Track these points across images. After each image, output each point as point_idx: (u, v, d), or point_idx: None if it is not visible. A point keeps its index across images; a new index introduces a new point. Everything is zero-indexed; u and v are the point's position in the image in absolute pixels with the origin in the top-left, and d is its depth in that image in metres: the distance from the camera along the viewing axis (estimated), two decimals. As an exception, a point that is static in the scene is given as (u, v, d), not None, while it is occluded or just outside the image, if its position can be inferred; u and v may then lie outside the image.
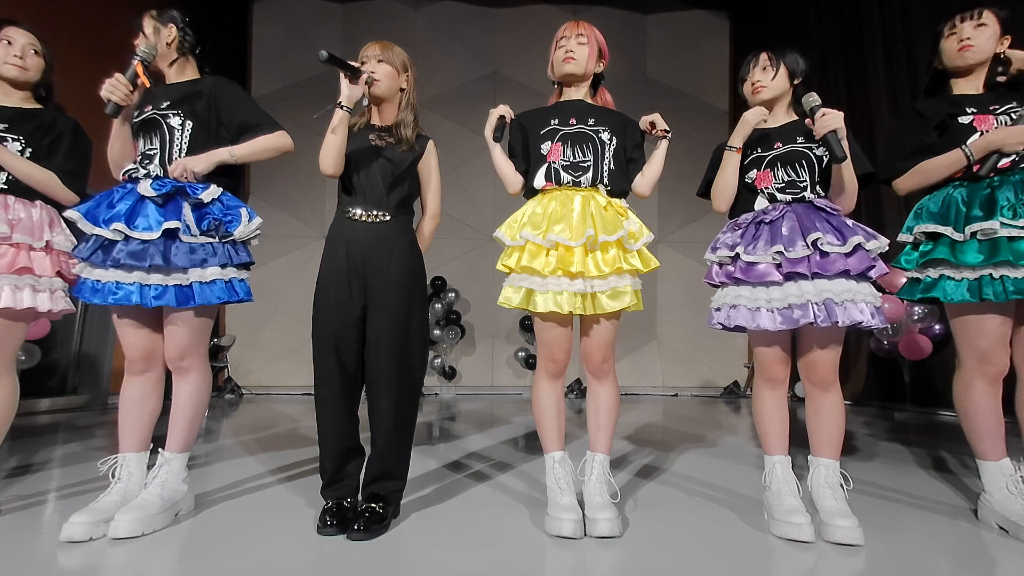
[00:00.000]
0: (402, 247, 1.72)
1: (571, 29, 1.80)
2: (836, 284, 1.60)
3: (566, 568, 1.38)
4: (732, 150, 1.77)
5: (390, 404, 1.65)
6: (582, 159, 1.76)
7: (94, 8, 4.82)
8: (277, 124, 1.79)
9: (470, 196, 6.91)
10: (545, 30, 1.93)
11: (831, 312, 1.58)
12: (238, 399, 5.82)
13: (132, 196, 1.64)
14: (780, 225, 1.67)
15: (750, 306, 1.69)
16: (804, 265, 1.62)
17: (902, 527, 1.69)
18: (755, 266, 1.68)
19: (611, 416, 1.75)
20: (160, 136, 1.70)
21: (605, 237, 1.66)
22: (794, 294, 1.62)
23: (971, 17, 1.76)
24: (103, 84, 1.63)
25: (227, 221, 1.69)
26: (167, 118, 1.71)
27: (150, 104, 1.74)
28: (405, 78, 1.80)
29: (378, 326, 1.66)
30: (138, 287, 1.59)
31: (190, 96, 1.74)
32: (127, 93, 1.64)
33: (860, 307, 1.59)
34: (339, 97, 1.68)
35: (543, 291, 1.68)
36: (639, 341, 7.19)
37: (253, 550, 1.45)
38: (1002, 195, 1.62)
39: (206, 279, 1.64)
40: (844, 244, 1.60)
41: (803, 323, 1.61)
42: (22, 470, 2.32)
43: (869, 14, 5.46)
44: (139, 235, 1.59)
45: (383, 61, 1.75)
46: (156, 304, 1.60)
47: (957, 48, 1.76)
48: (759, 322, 1.66)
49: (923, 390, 4.92)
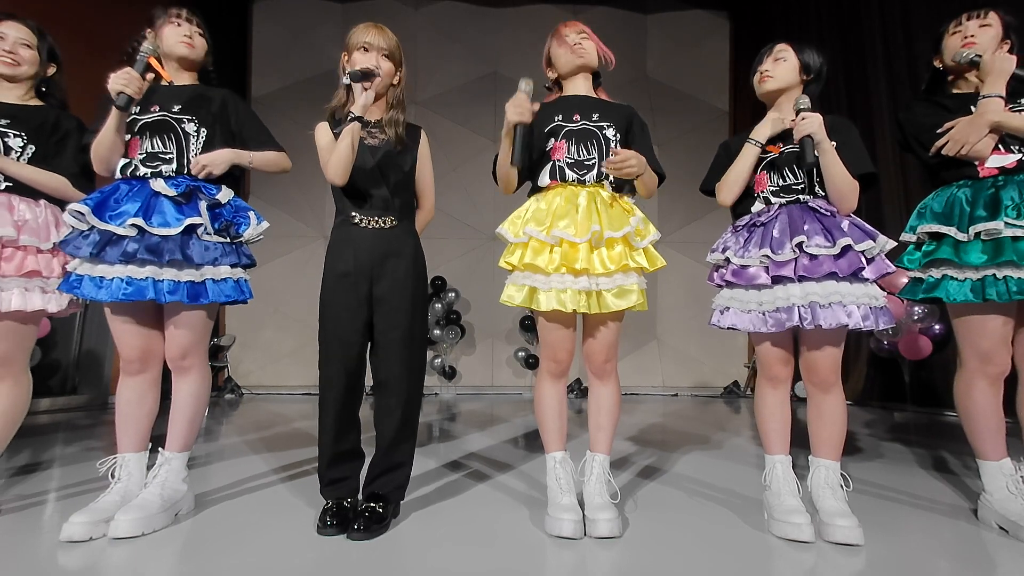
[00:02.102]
0: (409, 252, 1.73)
1: (571, 27, 1.79)
2: (823, 286, 1.60)
3: (566, 568, 1.38)
4: (754, 143, 1.75)
5: (399, 402, 1.67)
6: (587, 157, 1.73)
7: (94, 8, 4.82)
8: (280, 145, 1.88)
9: (470, 196, 6.90)
10: (545, 30, 1.92)
11: (815, 314, 1.57)
12: (238, 399, 5.82)
13: (142, 193, 1.64)
14: (772, 228, 1.67)
15: (742, 309, 1.71)
16: (790, 268, 1.62)
17: (902, 527, 1.69)
18: (746, 269, 1.69)
19: (612, 416, 1.75)
20: (176, 140, 1.71)
21: (611, 233, 1.64)
22: (781, 297, 1.63)
23: (977, 16, 1.76)
24: (110, 77, 1.61)
25: (237, 223, 1.73)
26: (181, 123, 1.72)
27: (155, 104, 1.73)
28: (398, 75, 1.78)
29: (388, 329, 1.67)
30: (151, 282, 1.59)
31: (202, 102, 1.76)
32: (140, 87, 1.63)
33: (849, 309, 1.57)
34: (350, 106, 1.66)
35: (547, 289, 1.66)
36: (640, 341, 7.18)
37: (253, 550, 1.45)
38: (1006, 195, 1.61)
39: (218, 277, 1.67)
40: (833, 246, 1.59)
41: (788, 326, 1.62)
42: (22, 470, 2.32)
43: (869, 14, 5.45)
44: (157, 231, 1.59)
45: (387, 56, 1.74)
46: (170, 299, 1.60)
47: (961, 46, 1.75)
48: (751, 324, 1.68)
49: (923, 390, 4.91)
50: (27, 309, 1.68)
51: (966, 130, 1.64)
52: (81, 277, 1.61)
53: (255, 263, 1.81)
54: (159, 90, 1.76)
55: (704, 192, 1.92)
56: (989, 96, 1.63)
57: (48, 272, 1.74)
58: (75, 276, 1.62)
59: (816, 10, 6.20)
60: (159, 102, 1.73)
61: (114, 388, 1.75)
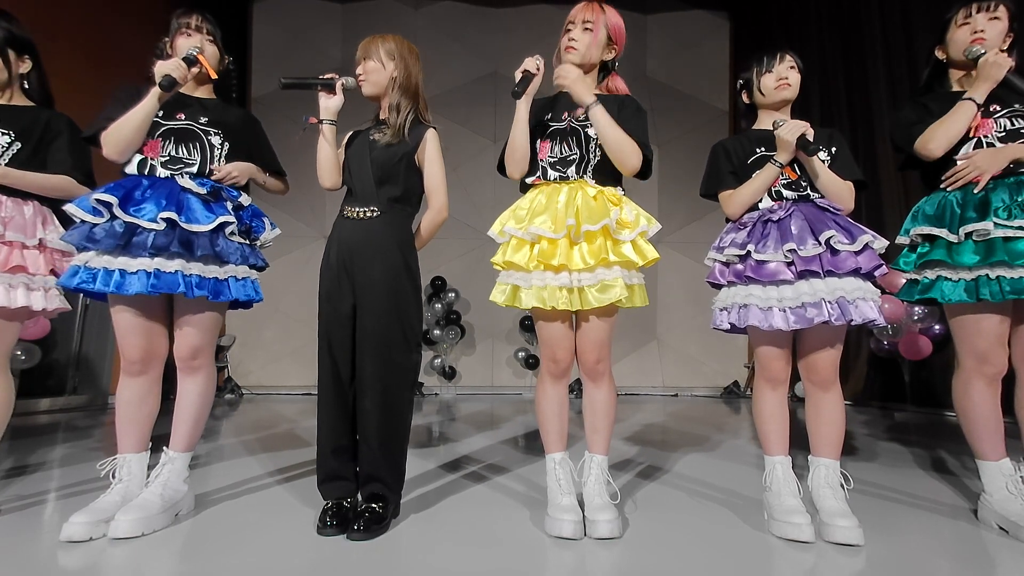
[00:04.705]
0: (389, 244, 1.68)
1: (579, 14, 1.73)
2: (847, 282, 1.61)
3: (566, 569, 1.38)
4: (777, 165, 1.70)
5: (373, 405, 1.63)
6: (569, 153, 1.73)
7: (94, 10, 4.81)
8: (285, 172, 2.01)
9: (470, 196, 6.90)
10: (545, 30, 1.93)
11: (844, 310, 1.58)
12: (238, 399, 5.82)
13: (168, 188, 1.65)
14: (789, 223, 1.66)
15: (762, 306, 1.66)
16: (816, 263, 1.61)
17: (902, 527, 1.69)
18: (766, 264, 1.66)
19: (607, 419, 1.73)
20: (201, 149, 1.73)
21: (588, 226, 1.61)
22: (807, 292, 1.61)
23: (987, 8, 1.72)
24: (157, 64, 1.66)
25: (255, 227, 1.80)
26: (208, 135, 1.75)
27: (181, 112, 1.74)
28: (394, 66, 1.76)
29: (363, 325, 1.66)
30: (180, 275, 1.60)
31: (227, 120, 1.80)
32: (185, 75, 1.67)
33: (870, 304, 1.60)
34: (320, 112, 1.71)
35: (527, 287, 1.66)
36: (640, 341, 7.18)
37: (253, 550, 1.45)
38: (996, 197, 1.63)
39: (239, 276, 1.72)
40: (854, 242, 1.61)
41: (817, 322, 1.59)
42: (22, 470, 2.31)
43: (869, 14, 5.45)
44: (189, 227, 1.61)
45: (366, 58, 1.75)
46: (198, 293, 1.62)
47: (970, 39, 1.72)
48: (772, 322, 1.63)
49: (923, 390, 4.91)
50: (11, 306, 1.66)
51: (988, 162, 1.65)
52: (95, 271, 1.57)
53: (268, 266, 1.86)
54: (184, 100, 1.77)
55: (704, 196, 1.91)
56: (970, 99, 1.67)
57: (34, 269, 1.72)
58: (85, 269, 1.57)
59: (816, 10, 6.20)
60: (184, 111, 1.75)
61: (114, 388, 1.75)
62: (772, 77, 1.76)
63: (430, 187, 1.79)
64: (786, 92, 1.76)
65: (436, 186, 1.78)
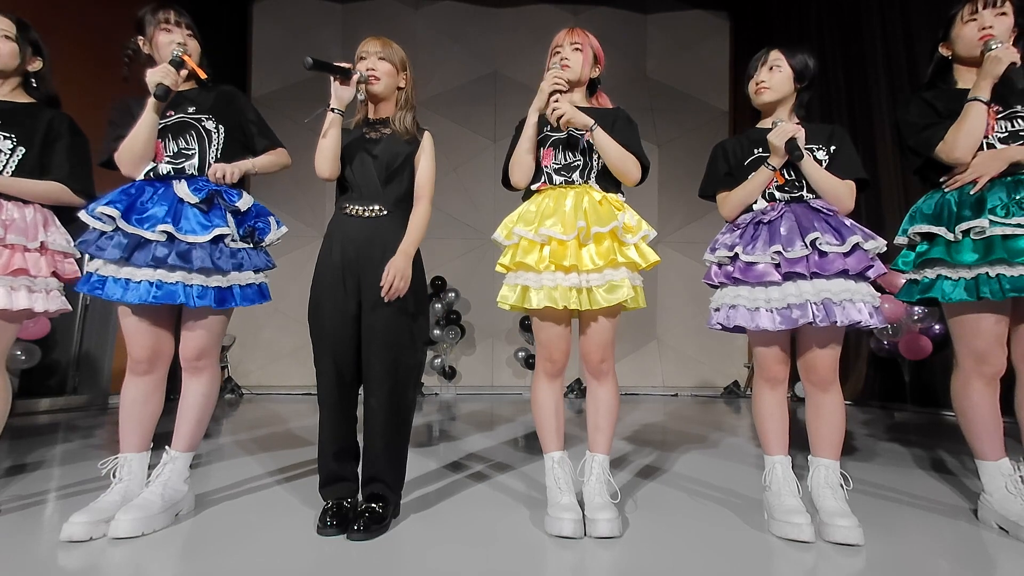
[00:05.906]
0: (398, 243, 1.69)
1: (566, 37, 1.80)
2: (835, 284, 1.61)
3: (566, 568, 1.38)
4: (771, 168, 1.72)
5: (380, 404, 1.64)
6: (573, 160, 1.78)
7: (94, 9, 4.81)
8: (280, 141, 1.89)
9: (470, 196, 6.90)
10: (545, 30, 1.93)
11: (830, 312, 1.58)
12: (238, 399, 5.82)
13: (167, 198, 1.65)
14: (779, 225, 1.67)
15: (749, 306, 1.69)
16: (803, 265, 1.62)
17: (902, 527, 1.69)
18: (754, 266, 1.68)
19: (610, 417, 1.75)
20: (198, 138, 1.73)
21: (598, 228, 1.66)
22: (792, 294, 1.63)
23: (993, 4, 1.70)
24: (147, 73, 1.64)
25: (260, 228, 1.78)
26: (201, 122, 1.75)
27: (170, 108, 1.73)
28: (403, 77, 1.80)
29: (370, 324, 1.65)
30: (181, 286, 1.61)
31: (217, 102, 1.78)
32: (176, 79, 1.65)
33: (858, 307, 1.60)
34: (330, 100, 1.69)
35: (537, 287, 1.69)
36: (639, 341, 7.18)
37: (253, 550, 1.46)
38: (993, 196, 1.63)
39: (243, 282, 1.71)
40: (843, 244, 1.61)
41: (802, 323, 1.61)
42: (22, 470, 2.32)
43: (869, 14, 5.45)
44: (186, 238, 1.61)
45: (384, 59, 1.75)
46: (200, 303, 1.63)
47: (978, 36, 1.69)
48: (758, 322, 1.66)
49: (923, 390, 4.91)
50: (12, 308, 1.66)
51: (988, 164, 1.65)
52: (104, 278, 1.62)
53: (275, 266, 1.84)
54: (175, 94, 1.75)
55: (702, 197, 1.92)
56: (976, 99, 1.64)
57: (36, 271, 1.72)
58: (97, 277, 1.63)
59: (816, 10, 6.19)
60: (173, 108, 1.74)
61: (114, 388, 1.75)
62: (752, 82, 1.81)
63: (421, 184, 1.79)
64: (764, 96, 1.78)
65: (424, 183, 1.80)
